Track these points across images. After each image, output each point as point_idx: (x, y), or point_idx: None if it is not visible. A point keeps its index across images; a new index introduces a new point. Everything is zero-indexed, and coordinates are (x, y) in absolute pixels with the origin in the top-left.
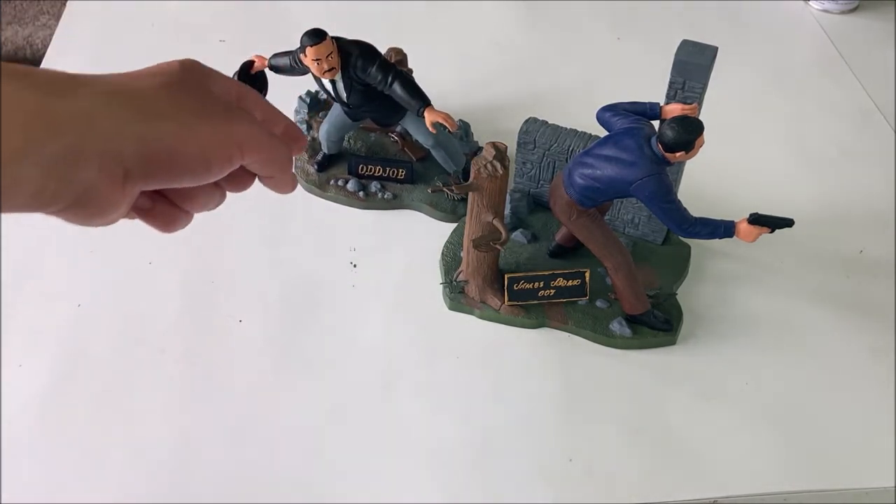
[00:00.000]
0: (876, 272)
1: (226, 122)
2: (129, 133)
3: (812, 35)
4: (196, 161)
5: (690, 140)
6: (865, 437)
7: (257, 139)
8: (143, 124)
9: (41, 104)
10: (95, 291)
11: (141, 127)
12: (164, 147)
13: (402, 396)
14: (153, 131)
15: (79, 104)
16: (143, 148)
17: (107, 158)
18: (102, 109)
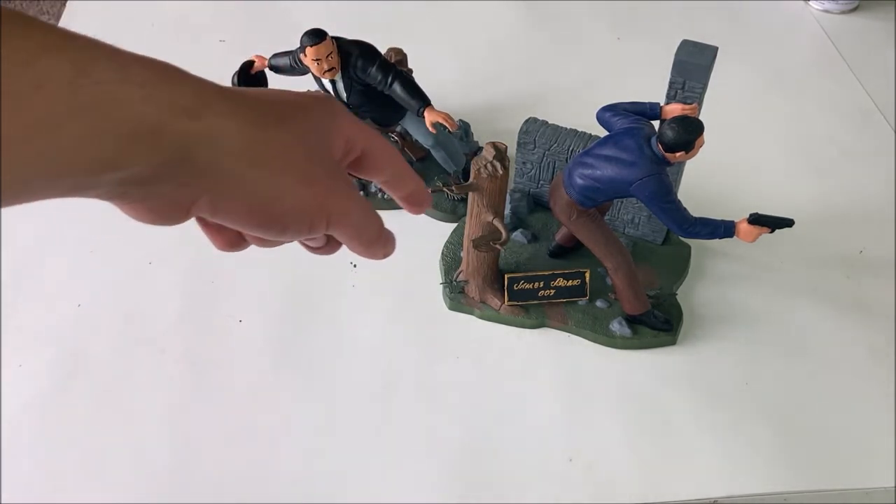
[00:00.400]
0: (876, 272)
1: (325, 191)
2: (223, 172)
3: (812, 35)
4: (274, 222)
5: (690, 140)
6: (865, 437)
7: (348, 215)
8: (242, 169)
9: (163, 121)
10: (95, 291)
11: (238, 170)
12: (249, 201)
13: (402, 396)
14: (247, 183)
15: (198, 126)
16: (228, 193)
17: (190, 187)
18: (210, 138)
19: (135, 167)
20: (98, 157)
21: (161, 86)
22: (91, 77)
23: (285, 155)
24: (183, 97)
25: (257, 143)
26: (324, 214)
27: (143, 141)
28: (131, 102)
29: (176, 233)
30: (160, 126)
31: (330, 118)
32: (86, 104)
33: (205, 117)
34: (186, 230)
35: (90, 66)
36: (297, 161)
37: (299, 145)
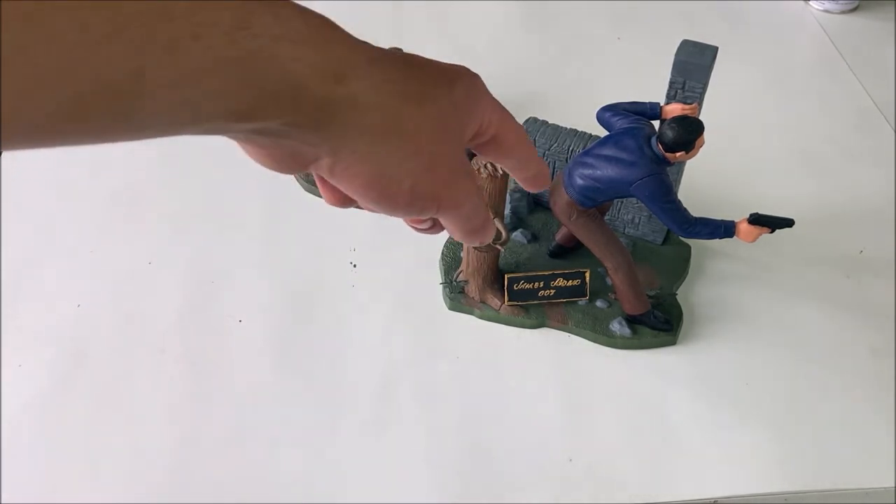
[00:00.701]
0: (876, 272)
1: (446, 180)
2: (352, 141)
3: (812, 35)
4: (388, 199)
5: (691, 140)
6: (865, 437)
7: (460, 207)
8: (371, 142)
9: (307, 82)
10: (95, 291)
11: (367, 143)
12: (370, 175)
13: (401, 396)
14: (372, 158)
15: (341, 91)
16: (351, 162)
17: (316, 147)
18: (349, 107)
19: (270, 122)
20: (237, 109)
21: (314, 45)
22: (249, 30)
23: (417, 136)
24: (332, 60)
25: (393, 120)
26: (437, 202)
27: (284, 99)
28: (282, 60)
29: (176, 233)
30: (303, 87)
31: (472, 100)
32: (237, 57)
33: (349, 83)
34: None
35: (250, 19)
36: (428, 144)
37: (434, 127)
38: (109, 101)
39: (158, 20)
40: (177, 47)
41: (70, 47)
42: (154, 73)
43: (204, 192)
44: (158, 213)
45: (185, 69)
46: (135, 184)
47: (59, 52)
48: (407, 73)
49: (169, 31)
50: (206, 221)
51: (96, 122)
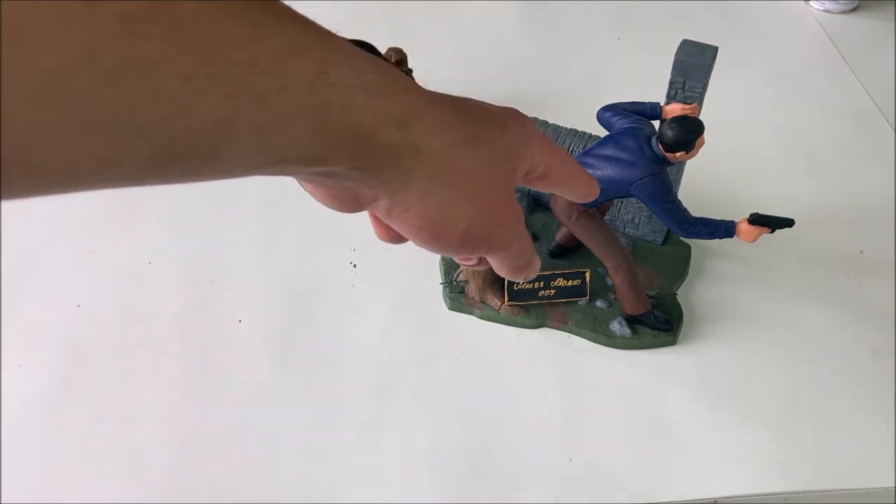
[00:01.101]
0: (876, 272)
1: (497, 223)
2: (410, 186)
3: (812, 35)
4: (440, 241)
5: (691, 140)
6: (865, 437)
7: (509, 248)
8: (429, 187)
9: (375, 130)
10: (95, 291)
11: (425, 187)
12: (425, 218)
13: (401, 396)
14: (429, 202)
15: (403, 139)
16: (408, 205)
17: (376, 190)
18: (410, 153)
19: (337, 167)
20: (310, 154)
21: (383, 94)
22: (327, 80)
23: (473, 181)
24: (398, 108)
25: (450, 165)
26: (488, 244)
27: (353, 145)
28: (354, 109)
29: (176, 233)
30: (371, 134)
31: (523, 143)
32: (316, 106)
33: (411, 131)
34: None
35: (329, 68)
36: (482, 189)
37: (487, 171)
38: (198, 148)
39: (249, 72)
40: (265, 98)
41: (171, 97)
42: (241, 123)
43: (204, 192)
44: (158, 213)
45: (269, 118)
46: None
47: (162, 103)
48: (463, 119)
49: (259, 84)
50: (206, 221)
51: (182, 166)
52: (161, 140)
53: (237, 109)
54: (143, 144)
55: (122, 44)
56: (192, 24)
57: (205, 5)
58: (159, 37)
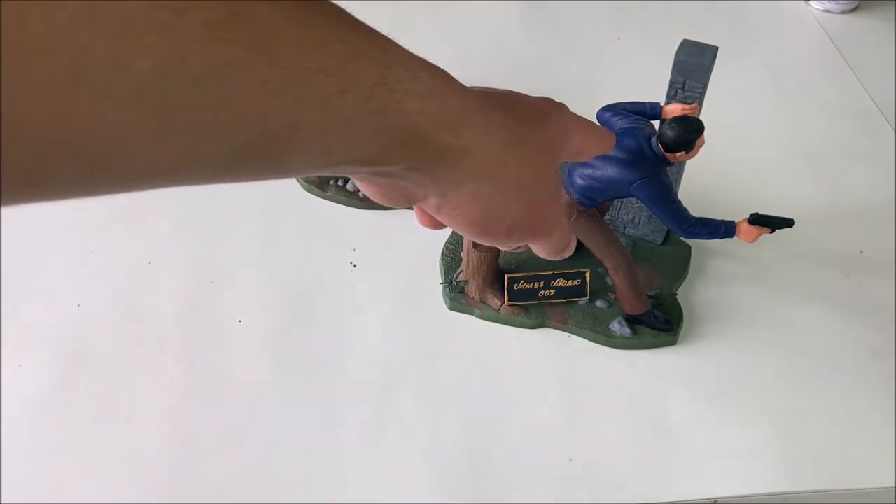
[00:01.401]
0: (876, 272)
1: (542, 215)
2: (460, 185)
3: (812, 35)
4: (487, 234)
5: (691, 140)
6: (865, 437)
7: (552, 236)
8: (478, 186)
9: (429, 133)
10: (95, 291)
11: (474, 186)
12: (474, 214)
13: (401, 396)
14: (478, 199)
15: (455, 142)
16: (457, 202)
17: (426, 188)
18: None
19: (392, 167)
20: (368, 156)
21: (436, 98)
22: (386, 84)
23: (519, 179)
24: (450, 112)
25: (498, 164)
26: (533, 234)
27: (408, 147)
28: (409, 112)
29: (176, 233)
30: (425, 137)
31: (564, 134)
32: (375, 109)
33: (462, 133)
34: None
35: (387, 73)
36: (528, 185)
37: (532, 166)
38: (269, 148)
39: (317, 76)
40: (329, 101)
41: (249, 100)
42: (307, 125)
43: (204, 193)
44: (158, 213)
45: (333, 121)
46: None
47: (240, 105)
48: (511, 121)
49: (325, 87)
50: (207, 221)
51: (253, 166)
52: (238, 140)
53: (305, 112)
54: (222, 144)
55: (208, 49)
56: (267, 31)
57: (278, 14)
58: (240, 43)
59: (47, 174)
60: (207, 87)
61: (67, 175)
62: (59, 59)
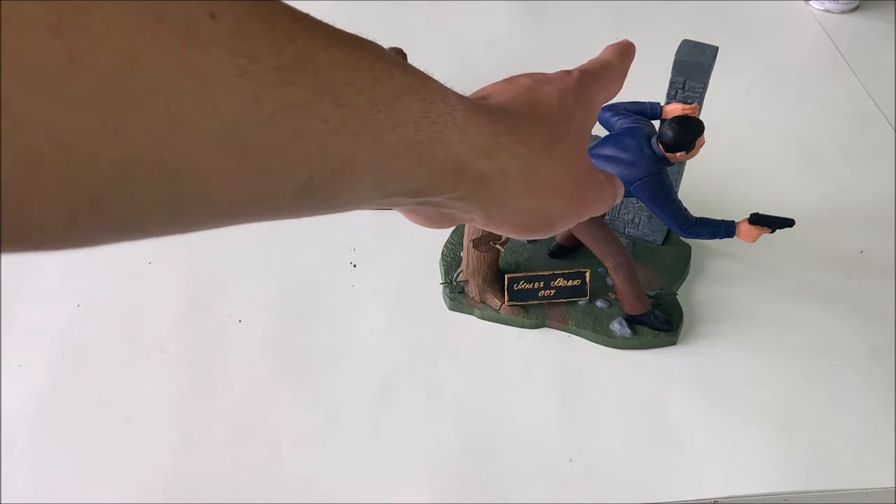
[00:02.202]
0: (876, 272)
1: (583, 202)
2: (502, 201)
3: (813, 35)
4: (535, 233)
5: (691, 140)
6: (865, 437)
7: (594, 210)
8: (519, 198)
9: (467, 161)
10: (95, 291)
11: (516, 199)
12: (520, 221)
13: (401, 396)
14: (522, 209)
15: (491, 166)
16: (502, 215)
17: (470, 210)
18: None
19: (437, 196)
20: (415, 187)
21: (471, 127)
22: (429, 117)
23: (555, 181)
24: (485, 139)
25: (534, 176)
26: (578, 218)
27: (450, 177)
28: (451, 143)
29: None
30: (465, 166)
31: (586, 109)
32: (420, 141)
33: (497, 158)
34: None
35: (430, 107)
36: (565, 184)
37: (565, 161)
38: (328, 184)
39: (371, 112)
40: (381, 137)
41: (312, 138)
42: (362, 159)
43: None
44: None
45: (384, 154)
46: None
47: (305, 143)
48: (537, 128)
49: (378, 122)
50: None
51: (312, 202)
52: (302, 177)
53: (360, 147)
54: (289, 181)
55: (278, 92)
56: (328, 73)
57: (336, 58)
58: (304, 85)
59: (141, 215)
60: (278, 127)
61: (156, 216)
62: (158, 104)
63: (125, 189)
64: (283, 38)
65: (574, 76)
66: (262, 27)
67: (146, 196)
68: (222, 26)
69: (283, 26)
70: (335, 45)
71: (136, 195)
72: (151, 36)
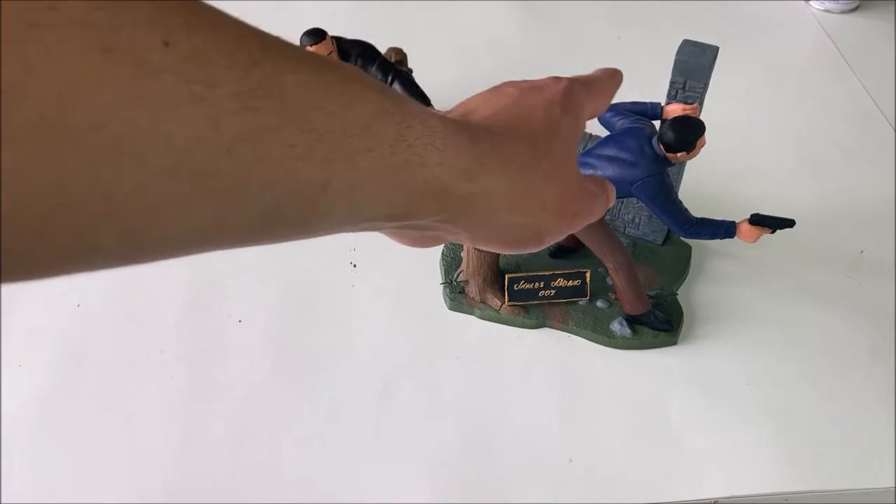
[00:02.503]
0: (876, 272)
1: (573, 215)
2: (488, 220)
3: (813, 35)
4: (524, 248)
5: (692, 140)
6: (865, 437)
7: (584, 222)
8: (505, 217)
9: (449, 184)
10: (95, 291)
11: (502, 218)
12: (508, 238)
13: (401, 396)
14: (509, 227)
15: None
16: (489, 234)
17: (456, 231)
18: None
19: (417, 220)
20: (394, 211)
21: (451, 149)
22: (406, 140)
23: (542, 196)
24: (466, 161)
25: (520, 194)
26: (569, 229)
27: (431, 200)
28: (430, 166)
29: None
30: (446, 188)
31: (576, 121)
32: (397, 164)
33: (480, 179)
34: None
35: (407, 131)
36: (553, 198)
37: (551, 174)
38: (299, 209)
39: (343, 136)
40: (356, 160)
41: (278, 164)
42: (335, 184)
43: None
44: None
45: (358, 179)
46: None
47: (270, 169)
48: (522, 145)
49: (351, 146)
50: None
51: (283, 229)
52: (268, 203)
53: (333, 172)
54: (254, 208)
55: (239, 119)
56: (295, 98)
57: (305, 81)
58: (268, 111)
59: (89, 247)
60: (239, 154)
61: (108, 247)
62: (105, 136)
63: (71, 222)
64: (246, 63)
65: (563, 84)
66: (222, 53)
67: (95, 228)
68: (176, 53)
69: (248, 51)
70: (304, 69)
71: (84, 228)
72: (98, 67)
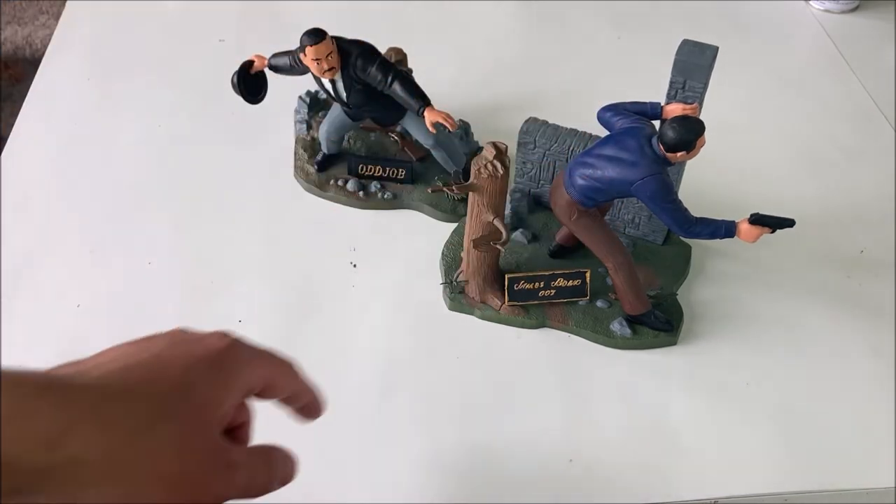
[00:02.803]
0: (876, 272)
1: (201, 485)
2: (86, 493)
3: (813, 35)
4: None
5: (691, 140)
6: (865, 437)
7: (236, 487)
8: (106, 488)
9: (19, 455)
10: (95, 291)
11: (102, 489)
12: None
13: (401, 396)
14: (114, 499)
15: (56, 456)
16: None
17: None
18: (70, 466)
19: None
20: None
21: (27, 419)
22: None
23: (157, 465)
24: (46, 426)
25: (124, 462)
26: (206, 498)
27: (5, 474)
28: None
29: (176, 233)
30: (16, 460)
31: (221, 385)
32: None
33: (65, 445)
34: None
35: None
36: (171, 468)
37: (174, 444)
38: None
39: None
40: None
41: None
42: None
43: (204, 192)
44: (159, 212)
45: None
46: (135, 184)
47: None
48: (140, 404)
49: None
50: (206, 221)
51: None
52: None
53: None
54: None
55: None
56: None
57: None
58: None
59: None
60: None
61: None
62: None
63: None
64: None
65: (224, 342)
66: None
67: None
68: None
69: None
70: None
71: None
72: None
